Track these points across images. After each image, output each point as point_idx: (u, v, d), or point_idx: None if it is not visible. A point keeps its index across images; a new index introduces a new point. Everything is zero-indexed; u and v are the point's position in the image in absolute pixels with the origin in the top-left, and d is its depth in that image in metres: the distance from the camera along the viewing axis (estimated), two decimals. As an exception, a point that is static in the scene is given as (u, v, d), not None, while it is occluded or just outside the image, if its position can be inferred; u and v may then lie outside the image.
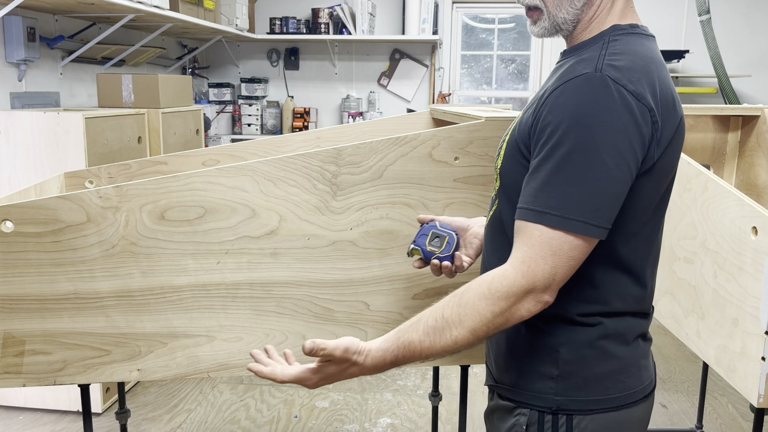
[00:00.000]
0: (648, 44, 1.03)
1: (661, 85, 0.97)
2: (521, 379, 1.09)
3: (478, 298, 0.96)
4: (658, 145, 0.96)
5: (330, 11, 4.78)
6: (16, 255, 1.42)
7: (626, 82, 0.93)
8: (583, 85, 0.93)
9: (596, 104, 0.91)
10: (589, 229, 0.91)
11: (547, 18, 1.06)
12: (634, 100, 0.92)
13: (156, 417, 2.78)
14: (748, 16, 4.76)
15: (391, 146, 1.50)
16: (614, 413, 1.05)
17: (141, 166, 1.97)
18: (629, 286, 1.05)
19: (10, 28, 2.90)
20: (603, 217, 0.92)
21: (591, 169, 0.91)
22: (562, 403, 1.04)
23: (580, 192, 0.91)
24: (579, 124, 0.91)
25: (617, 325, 1.06)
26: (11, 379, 1.49)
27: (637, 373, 1.08)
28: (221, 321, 1.52)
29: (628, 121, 0.92)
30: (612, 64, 0.95)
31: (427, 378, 3.16)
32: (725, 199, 1.64)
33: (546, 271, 0.92)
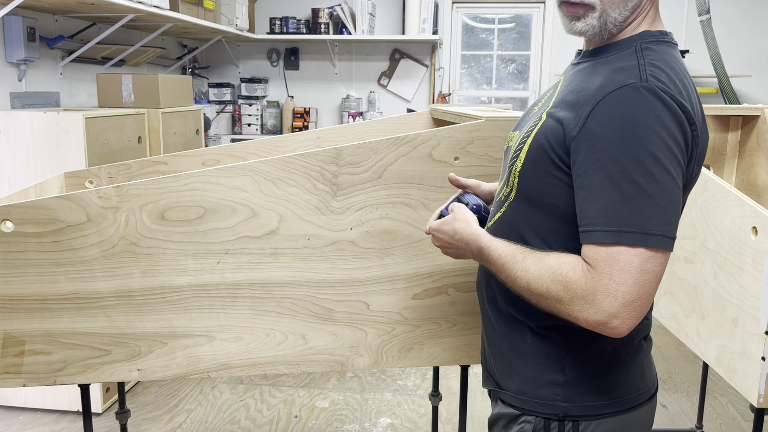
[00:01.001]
0: (677, 55, 1.02)
1: (697, 99, 0.98)
2: (526, 386, 1.08)
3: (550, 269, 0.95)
4: (697, 159, 0.96)
5: (330, 11, 4.78)
6: (16, 255, 1.42)
7: (675, 94, 0.91)
8: (633, 95, 0.90)
9: (649, 115, 0.89)
10: (667, 242, 0.88)
11: (599, 16, 1.01)
12: (682, 112, 0.91)
13: (156, 417, 2.78)
14: (748, 16, 4.75)
15: (391, 146, 1.50)
16: (621, 416, 1.05)
17: (141, 166, 1.97)
18: None
19: (10, 28, 2.90)
20: (675, 227, 0.89)
21: (658, 180, 0.88)
22: (569, 409, 1.04)
23: (654, 205, 0.87)
24: (635, 135, 0.88)
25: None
26: (11, 379, 1.49)
27: (642, 375, 1.08)
28: (221, 321, 1.52)
29: (677, 130, 0.90)
30: (655, 75, 0.93)
31: (427, 378, 3.16)
32: (725, 199, 1.64)
33: (612, 290, 0.88)
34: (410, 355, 1.62)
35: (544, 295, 0.95)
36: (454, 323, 1.61)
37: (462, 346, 1.63)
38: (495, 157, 1.53)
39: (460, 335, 1.62)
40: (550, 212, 1.01)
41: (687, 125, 0.92)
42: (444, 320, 1.61)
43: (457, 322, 1.61)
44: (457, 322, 1.61)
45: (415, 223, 1.54)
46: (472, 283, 1.59)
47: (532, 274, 0.96)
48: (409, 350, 1.61)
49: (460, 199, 1.26)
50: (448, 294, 1.59)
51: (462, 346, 1.63)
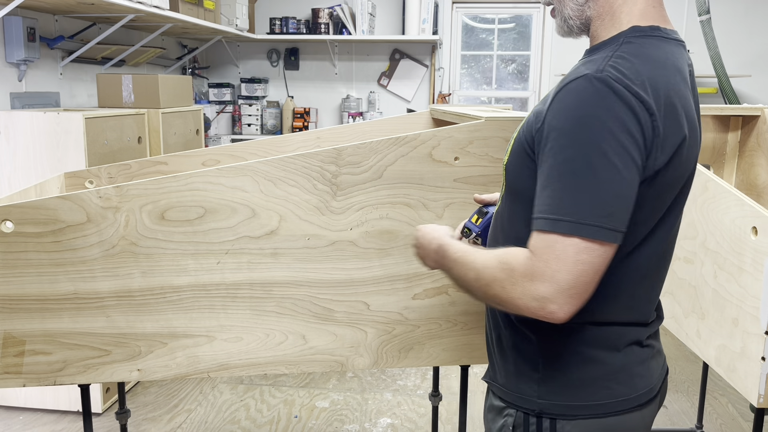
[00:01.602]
0: (667, 48, 1.00)
1: (669, 90, 0.94)
2: (509, 379, 1.09)
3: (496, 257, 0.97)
4: (661, 150, 0.93)
5: (330, 11, 4.78)
6: (16, 255, 1.42)
7: (631, 83, 0.91)
8: (585, 86, 0.91)
9: (598, 105, 0.89)
10: (604, 233, 0.88)
11: (558, 14, 1.08)
12: (636, 101, 0.90)
13: (156, 417, 2.78)
14: (748, 16, 4.76)
15: (391, 146, 1.50)
16: (601, 420, 1.03)
17: (141, 166, 1.97)
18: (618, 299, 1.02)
19: (10, 28, 2.90)
20: (617, 220, 0.89)
21: (600, 171, 0.88)
22: (545, 406, 1.04)
23: (592, 196, 0.88)
24: (582, 125, 0.89)
25: (602, 333, 1.03)
26: (11, 379, 1.49)
27: (629, 380, 1.05)
28: (221, 321, 1.52)
29: (630, 120, 0.89)
30: (615, 65, 0.93)
31: (427, 378, 3.16)
32: (725, 199, 1.64)
33: (547, 275, 0.89)
34: (410, 355, 1.62)
35: (491, 283, 0.96)
36: (454, 323, 1.61)
37: (462, 346, 1.63)
38: (495, 157, 1.53)
39: (460, 335, 1.62)
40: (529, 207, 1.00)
41: (644, 115, 0.90)
42: (444, 320, 1.61)
43: (457, 322, 1.61)
44: (457, 322, 1.61)
45: (415, 223, 1.54)
46: (472, 283, 1.59)
47: (481, 264, 0.98)
48: (409, 350, 1.61)
49: (482, 210, 1.28)
50: (448, 294, 1.59)
51: (462, 346, 1.63)
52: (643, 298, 1.06)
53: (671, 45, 1.01)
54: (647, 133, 0.91)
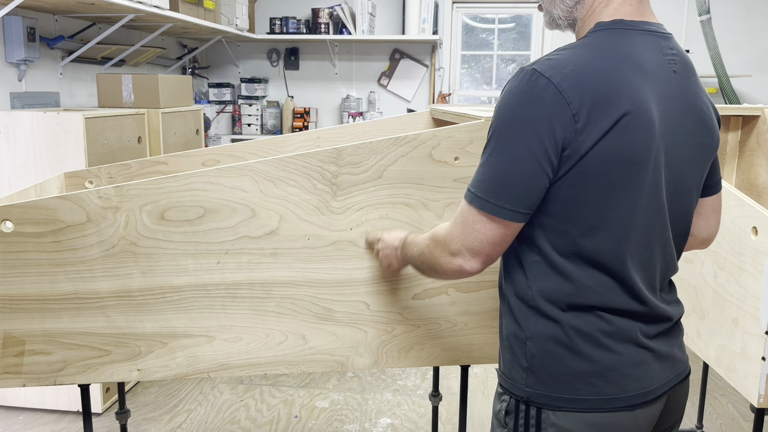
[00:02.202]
0: (618, 38, 1.04)
1: (601, 77, 0.99)
2: (505, 366, 1.13)
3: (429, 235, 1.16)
4: (586, 134, 0.97)
5: (330, 11, 4.78)
6: (16, 255, 1.42)
7: (552, 74, 0.98)
8: (513, 79, 1.02)
9: (515, 96, 1.00)
10: (489, 207, 1.01)
11: (547, 14, 1.16)
12: (555, 90, 0.97)
13: (156, 417, 2.78)
14: (748, 17, 4.75)
15: (391, 146, 1.49)
16: (585, 414, 1.05)
17: (141, 166, 1.97)
18: (602, 279, 1.04)
19: (10, 28, 2.90)
20: (505, 197, 1.00)
21: (500, 154, 1.00)
22: (531, 395, 1.07)
23: (489, 175, 1.01)
24: (498, 113, 1.02)
25: (587, 325, 1.04)
26: (11, 379, 1.49)
27: (620, 380, 1.05)
28: (221, 321, 1.52)
29: (540, 113, 0.97)
30: (549, 57, 1.02)
31: (427, 378, 3.16)
32: (725, 199, 1.64)
33: (454, 235, 1.06)
34: (410, 355, 1.62)
35: (425, 253, 1.15)
36: (454, 323, 1.61)
37: (462, 346, 1.63)
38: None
39: (460, 335, 1.62)
40: None
41: (559, 105, 0.97)
42: (444, 320, 1.61)
43: (457, 322, 1.61)
44: (457, 322, 1.61)
45: (415, 223, 1.54)
46: (473, 283, 1.59)
47: (420, 240, 1.19)
48: (409, 350, 1.61)
49: None
50: (448, 294, 1.59)
51: (462, 346, 1.63)
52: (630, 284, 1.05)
53: (631, 35, 1.05)
54: (563, 122, 0.97)
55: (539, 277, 1.06)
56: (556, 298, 1.05)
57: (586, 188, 1.00)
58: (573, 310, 1.05)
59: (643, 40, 1.05)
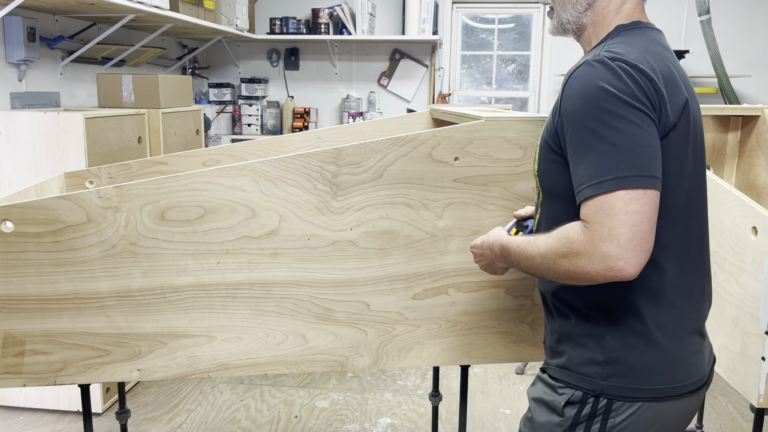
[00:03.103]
0: (651, 34, 1.11)
1: (661, 62, 1.04)
2: (570, 362, 1.14)
3: (557, 237, 1.04)
4: (670, 110, 1.01)
5: (330, 11, 4.78)
6: (16, 255, 1.42)
7: (625, 58, 1.01)
8: (586, 70, 1.02)
9: (602, 79, 0.99)
10: (643, 180, 0.95)
11: (556, 17, 1.19)
12: (635, 70, 1.00)
13: (156, 417, 2.78)
14: (748, 17, 4.75)
15: (391, 146, 1.50)
16: (655, 404, 1.09)
17: (141, 166, 1.97)
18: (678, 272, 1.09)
19: (10, 28, 2.90)
20: (651, 167, 0.96)
21: (623, 129, 0.96)
22: (606, 387, 1.09)
23: (623, 151, 0.95)
24: (593, 99, 0.98)
25: (667, 318, 1.09)
26: (11, 379, 1.49)
27: (686, 368, 1.11)
28: (221, 321, 1.52)
29: (634, 86, 0.98)
30: (610, 50, 1.04)
31: (427, 378, 3.16)
32: (725, 199, 1.64)
33: (604, 235, 0.94)
34: (410, 355, 1.62)
35: (557, 260, 1.02)
36: (454, 323, 1.61)
37: (462, 346, 1.63)
38: (495, 158, 1.53)
39: (460, 335, 1.62)
40: (570, 201, 1.06)
41: (644, 81, 0.99)
42: (444, 320, 1.61)
43: (457, 322, 1.61)
44: (457, 322, 1.61)
45: (415, 223, 1.54)
46: (473, 283, 1.59)
47: (543, 247, 1.06)
48: (409, 350, 1.61)
49: (520, 224, 1.35)
50: (448, 294, 1.59)
51: (462, 346, 1.63)
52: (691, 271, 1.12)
53: (654, 32, 1.13)
54: (652, 96, 0.99)
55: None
56: (637, 296, 1.07)
57: (667, 160, 1.02)
58: (658, 304, 1.08)
59: (661, 36, 1.14)
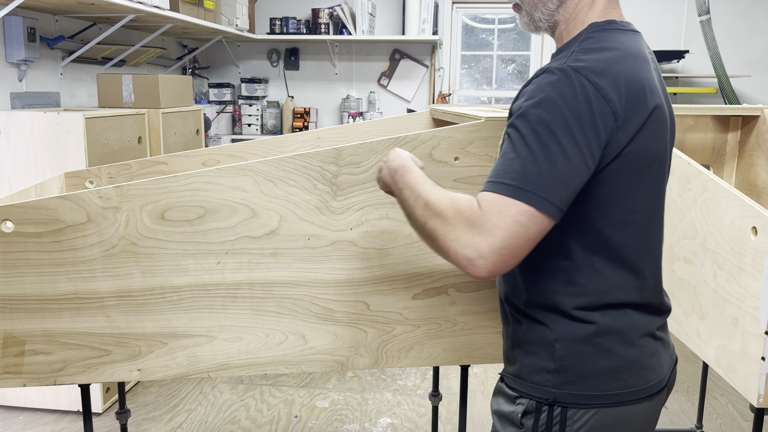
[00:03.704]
0: (624, 38, 1.08)
1: (629, 75, 1.01)
2: (522, 370, 1.12)
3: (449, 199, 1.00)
4: (623, 131, 0.99)
5: (330, 11, 4.78)
6: (16, 255, 1.42)
7: (588, 73, 0.98)
8: (547, 77, 0.99)
9: (556, 91, 0.97)
10: (541, 202, 0.94)
11: (527, 15, 1.16)
12: (593, 89, 0.97)
13: (156, 417, 2.78)
14: (748, 17, 4.75)
15: (391, 146, 1.50)
16: (611, 409, 1.08)
17: (141, 166, 1.97)
18: (627, 277, 1.07)
19: (10, 28, 2.90)
20: (556, 196, 0.95)
21: (548, 148, 0.95)
22: (559, 396, 1.08)
23: (536, 166, 0.95)
24: (538, 106, 0.97)
25: (617, 322, 1.07)
26: (11, 379, 1.49)
27: (641, 372, 1.09)
28: (221, 321, 1.52)
29: (584, 110, 0.96)
30: (578, 57, 1.01)
31: (427, 378, 3.16)
32: (725, 199, 1.64)
33: (492, 225, 0.93)
34: (410, 355, 1.62)
35: (435, 216, 0.99)
36: (454, 323, 1.61)
37: (462, 346, 1.63)
38: (495, 158, 1.53)
39: (460, 335, 1.62)
40: None
41: (599, 103, 0.97)
42: (444, 320, 1.61)
43: (457, 322, 1.61)
44: (457, 322, 1.61)
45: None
46: (473, 283, 1.59)
47: (434, 197, 1.02)
48: (409, 350, 1.61)
49: None
50: (448, 294, 1.59)
51: (462, 346, 1.63)
52: (649, 278, 1.11)
53: (627, 35, 1.09)
54: (605, 120, 0.97)
55: (568, 280, 1.07)
56: (585, 300, 1.07)
57: (620, 184, 1.03)
58: (603, 309, 1.07)
59: (634, 39, 1.10)
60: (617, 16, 1.12)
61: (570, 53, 1.04)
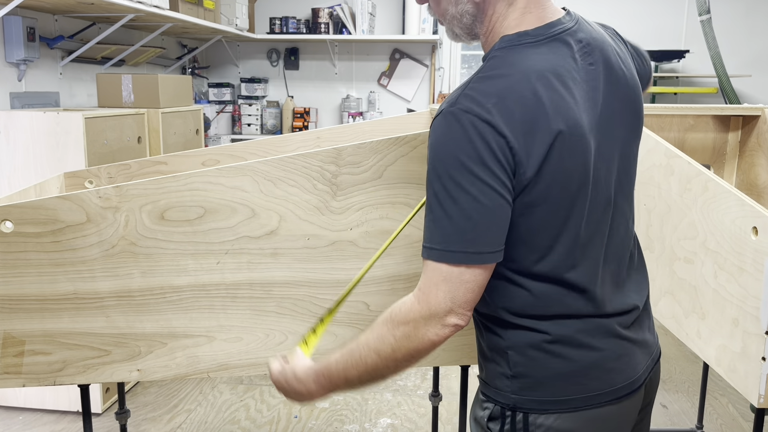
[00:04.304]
0: (534, 54, 1.01)
1: (525, 103, 0.96)
2: (487, 376, 1.13)
3: (382, 323, 1.02)
4: (526, 163, 0.96)
5: (330, 11, 4.78)
6: (16, 255, 1.42)
7: (478, 111, 0.95)
8: (441, 123, 0.97)
9: (451, 140, 0.95)
10: (471, 257, 0.95)
11: (448, 29, 1.13)
12: (486, 126, 0.94)
13: (156, 417, 2.78)
14: (748, 17, 4.75)
15: (391, 146, 1.49)
16: (573, 414, 1.06)
17: (141, 166, 1.97)
18: (559, 290, 1.05)
19: (10, 28, 2.90)
20: (482, 242, 0.96)
21: (459, 201, 0.94)
22: (518, 401, 1.07)
23: (454, 224, 0.95)
24: (439, 160, 0.96)
25: (564, 330, 1.05)
26: (11, 379, 1.49)
27: (603, 375, 1.07)
28: (221, 321, 1.52)
29: (482, 149, 0.94)
30: (473, 87, 0.98)
31: (428, 378, 3.16)
32: (725, 199, 1.64)
33: (440, 299, 0.97)
34: (410, 356, 1.61)
35: (395, 347, 1.00)
36: (454, 323, 1.61)
37: (462, 346, 1.63)
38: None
39: (460, 335, 1.61)
40: None
41: (495, 139, 0.94)
42: (444, 320, 1.60)
43: (457, 322, 1.61)
44: (457, 322, 1.61)
45: (415, 223, 1.54)
46: (472, 283, 1.59)
47: (373, 342, 1.02)
48: (409, 350, 1.61)
49: None
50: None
51: (462, 346, 1.63)
52: (591, 289, 1.07)
53: (539, 48, 1.02)
54: (504, 154, 0.95)
55: (503, 294, 1.06)
56: (525, 311, 1.06)
57: (536, 214, 1.00)
58: (551, 319, 1.06)
59: (552, 49, 1.02)
60: (536, 21, 1.04)
61: (468, 81, 1.00)
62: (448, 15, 1.10)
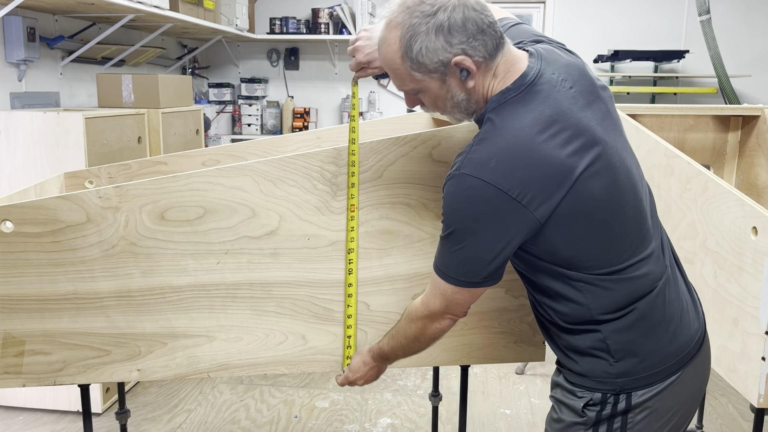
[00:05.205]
0: (516, 109, 1.14)
1: (532, 154, 1.09)
2: (583, 368, 1.24)
3: (404, 319, 1.35)
4: (539, 204, 1.09)
5: (330, 11, 4.78)
6: (16, 255, 1.42)
7: (483, 173, 1.09)
8: (451, 187, 1.14)
9: (458, 200, 1.13)
10: (461, 283, 1.20)
11: (451, 117, 1.26)
12: (488, 186, 1.09)
13: (156, 417, 2.78)
14: (748, 17, 4.76)
15: (391, 146, 1.49)
16: (669, 379, 1.20)
17: (141, 166, 1.97)
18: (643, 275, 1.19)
19: (10, 28, 2.90)
20: (471, 275, 1.18)
21: (461, 246, 1.16)
22: (624, 383, 1.20)
23: (454, 260, 1.18)
24: (451, 215, 1.16)
25: (647, 303, 1.19)
26: (11, 379, 1.49)
27: (678, 338, 1.21)
28: (221, 321, 1.52)
29: (486, 208, 1.10)
30: (471, 157, 1.12)
31: (428, 378, 3.16)
32: (725, 199, 1.64)
33: (437, 305, 1.25)
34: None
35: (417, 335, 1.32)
36: (454, 323, 1.61)
37: (462, 346, 1.63)
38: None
39: (460, 335, 1.62)
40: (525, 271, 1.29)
41: (499, 197, 1.09)
42: (444, 320, 1.60)
43: (458, 322, 1.61)
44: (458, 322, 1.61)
45: (415, 223, 1.54)
46: (472, 283, 1.59)
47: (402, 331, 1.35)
48: (409, 350, 1.61)
49: None
50: (448, 294, 1.59)
51: (462, 346, 1.63)
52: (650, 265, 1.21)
53: (525, 100, 1.14)
54: (509, 207, 1.10)
55: (596, 297, 1.18)
56: (616, 306, 1.19)
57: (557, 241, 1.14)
58: (630, 305, 1.19)
59: (534, 95, 1.14)
60: (513, 76, 1.16)
61: (469, 147, 1.14)
62: (447, 108, 1.22)
